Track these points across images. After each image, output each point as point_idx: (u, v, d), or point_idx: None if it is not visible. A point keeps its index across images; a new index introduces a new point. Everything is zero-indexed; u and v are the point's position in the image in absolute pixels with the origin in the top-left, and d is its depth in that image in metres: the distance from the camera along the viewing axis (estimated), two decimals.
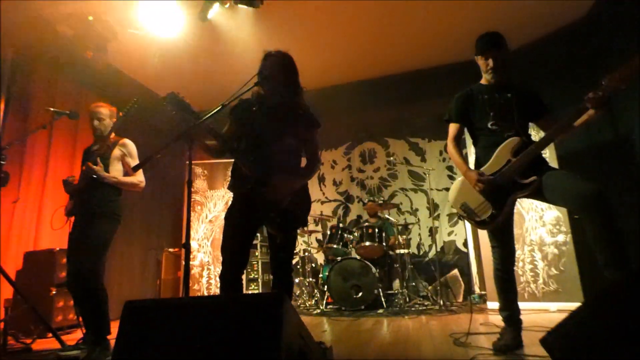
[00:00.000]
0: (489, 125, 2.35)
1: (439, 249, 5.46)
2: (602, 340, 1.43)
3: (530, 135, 2.37)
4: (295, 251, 2.33)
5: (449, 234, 5.65)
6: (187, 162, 1.87)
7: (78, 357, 2.14)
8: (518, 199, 2.32)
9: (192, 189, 5.98)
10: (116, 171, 2.89)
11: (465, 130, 2.54)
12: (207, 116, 1.93)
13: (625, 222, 4.01)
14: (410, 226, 5.18)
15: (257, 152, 2.11)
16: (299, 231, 5.69)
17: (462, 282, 4.95)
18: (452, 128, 2.50)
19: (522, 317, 2.35)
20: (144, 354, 1.21)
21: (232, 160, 2.19)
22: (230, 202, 2.20)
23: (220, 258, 2.05)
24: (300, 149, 2.29)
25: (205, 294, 5.30)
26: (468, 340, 2.49)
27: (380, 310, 4.24)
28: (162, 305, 1.28)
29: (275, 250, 2.18)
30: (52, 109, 2.82)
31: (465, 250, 5.37)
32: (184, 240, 1.75)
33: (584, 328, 1.52)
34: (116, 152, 2.91)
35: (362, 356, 2.35)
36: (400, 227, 4.91)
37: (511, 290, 2.36)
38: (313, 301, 4.81)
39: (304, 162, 2.32)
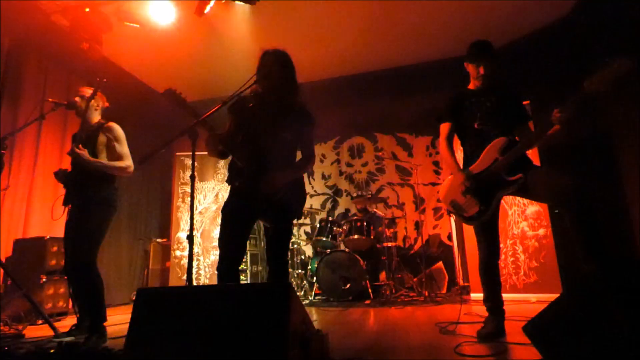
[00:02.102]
0: (475, 126, 2.46)
1: (424, 242, 5.62)
2: (579, 327, 1.56)
3: (515, 135, 2.49)
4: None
5: (434, 227, 5.81)
6: (192, 157, 1.92)
7: (77, 343, 2.18)
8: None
9: (182, 181, 6.05)
10: (104, 157, 2.81)
11: None
12: (207, 114, 1.99)
13: (604, 216, 4.21)
14: (397, 220, 5.31)
15: (252, 147, 2.18)
16: None
17: (446, 274, 5.12)
18: (444, 127, 2.60)
19: (504, 307, 2.48)
20: (157, 339, 1.28)
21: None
22: (225, 195, 2.25)
23: (210, 249, 2.10)
24: (295, 144, 2.36)
25: (194, 284, 5.34)
26: (453, 329, 2.62)
27: (368, 301, 4.36)
28: (173, 293, 1.35)
29: (270, 243, 2.25)
30: (51, 100, 2.79)
31: (449, 243, 5.53)
32: (189, 232, 1.81)
33: (562, 316, 1.65)
34: (102, 138, 2.82)
35: (352, 344, 2.44)
36: (387, 221, 5.03)
37: (495, 282, 2.49)
38: (302, 292, 4.92)
39: (299, 156, 2.39)
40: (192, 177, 1.92)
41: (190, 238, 1.82)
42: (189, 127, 1.90)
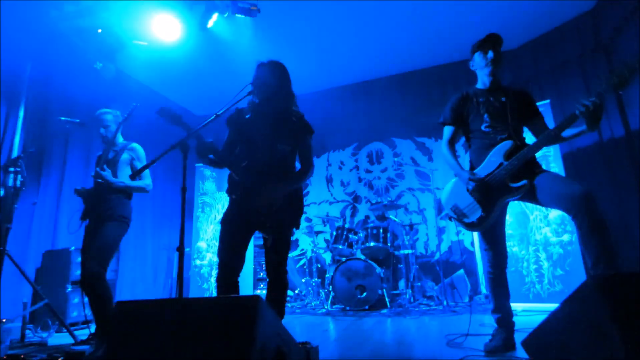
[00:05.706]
0: (482, 128, 2.38)
1: (446, 249, 5.47)
2: (575, 340, 1.46)
3: (524, 138, 2.39)
4: (289, 253, 2.40)
5: (457, 233, 5.63)
6: (183, 170, 1.96)
7: (82, 352, 2.28)
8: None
9: (201, 191, 6.18)
10: (125, 175, 3.00)
11: None
12: (201, 126, 2.03)
13: (635, 220, 3.95)
14: (416, 226, 5.18)
15: (250, 159, 2.20)
16: (306, 232, 5.78)
17: (468, 283, 4.94)
18: (447, 131, 2.54)
19: (526, 318, 2.37)
20: (133, 350, 1.31)
21: None
22: (226, 207, 2.28)
23: None
24: (293, 155, 2.36)
25: (214, 292, 5.42)
26: (463, 342, 2.53)
27: (384, 311, 4.27)
28: (150, 306, 1.38)
29: (269, 253, 2.27)
30: (63, 118, 2.96)
31: (473, 250, 5.35)
32: (180, 245, 1.85)
33: (559, 329, 1.56)
34: (125, 156, 3.04)
35: (354, 356, 2.40)
36: (406, 228, 4.93)
37: (503, 292, 2.39)
38: (319, 301, 4.89)
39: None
40: (184, 190, 1.96)
41: (180, 250, 1.85)
42: (180, 141, 1.95)
